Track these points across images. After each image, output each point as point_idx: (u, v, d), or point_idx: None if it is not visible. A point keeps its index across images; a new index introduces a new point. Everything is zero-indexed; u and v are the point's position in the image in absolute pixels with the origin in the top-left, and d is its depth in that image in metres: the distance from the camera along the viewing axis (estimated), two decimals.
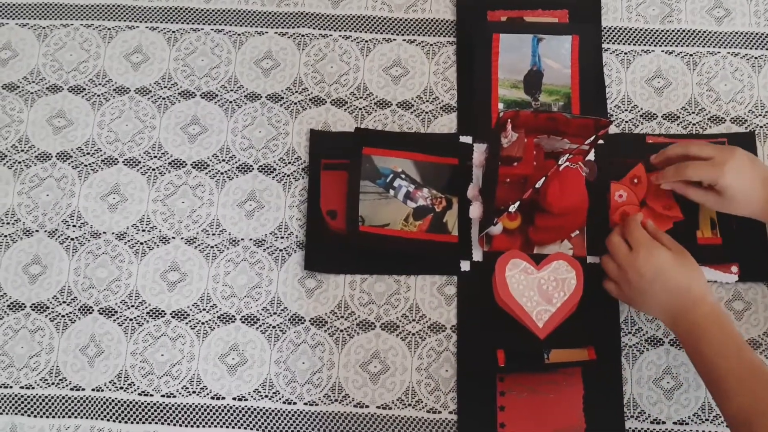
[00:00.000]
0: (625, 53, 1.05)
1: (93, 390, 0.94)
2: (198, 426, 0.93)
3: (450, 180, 0.99)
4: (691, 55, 1.04)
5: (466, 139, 1.01)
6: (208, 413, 0.93)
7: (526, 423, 0.91)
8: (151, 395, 0.94)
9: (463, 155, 1.00)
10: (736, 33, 1.05)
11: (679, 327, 0.85)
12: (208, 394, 0.94)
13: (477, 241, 0.97)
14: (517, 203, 0.91)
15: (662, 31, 1.06)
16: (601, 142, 0.97)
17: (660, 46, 1.05)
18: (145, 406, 0.94)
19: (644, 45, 1.05)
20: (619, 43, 1.05)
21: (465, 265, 0.97)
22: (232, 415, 0.93)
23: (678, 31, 1.06)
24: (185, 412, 0.93)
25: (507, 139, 0.92)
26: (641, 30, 1.06)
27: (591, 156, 0.99)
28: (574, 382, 0.92)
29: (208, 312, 0.97)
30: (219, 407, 0.94)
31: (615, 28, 1.06)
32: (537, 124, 0.91)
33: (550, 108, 1.01)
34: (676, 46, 1.05)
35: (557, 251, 0.96)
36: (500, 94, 1.02)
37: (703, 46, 1.05)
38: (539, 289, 0.92)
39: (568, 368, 0.92)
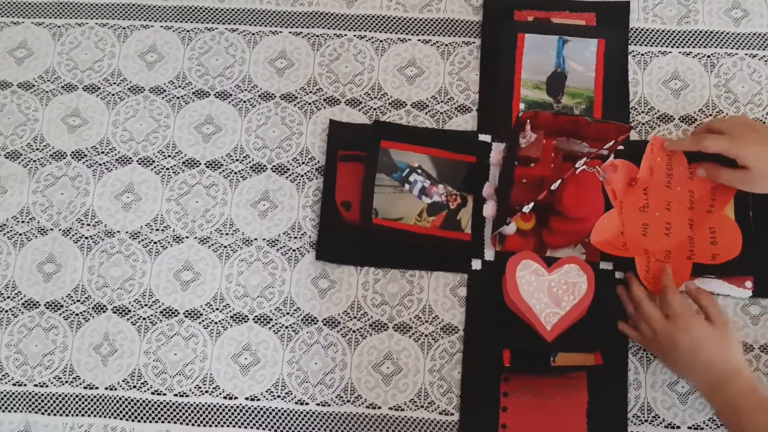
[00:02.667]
0: (642, 54, 1.04)
1: (106, 389, 0.95)
2: (210, 425, 0.93)
3: (466, 177, 0.99)
4: (708, 56, 1.03)
5: (485, 138, 1.01)
6: (221, 413, 0.93)
7: (528, 425, 0.91)
8: (164, 394, 0.94)
9: (481, 153, 1.00)
10: (754, 34, 1.04)
11: (717, 401, 0.84)
12: (220, 394, 0.94)
13: (490, 240, 0.97)
14: (531, 204, 0.91)
15: (679, 32, 1.05)
16: (621, 147, 0.96)
17: (677, 47, 1.04)
18: (158, 405, 0.94)
19: (661, 46, 1.04)
20: (635, 44, 1.04)
21: (476, 264, 0.97)
22: (244, 415, 0.93)
23: (695, 32, 1.05)
24: (198, 412, 0.94)
25: (525, 140, 0.91)
26: (658, 31, 1.05)
27: (611, 160, 0.98)
28: (579, 387, 0.92)
29: (221, 312, 0.97)
30: (231, 407, 0.94)
31: (632, 29, 1.05)
32: (557, 126, 0.91)
33: (572, 111, 1.00)
34: (694, 47, 1.04)
35: (570, 255, 0.95)
36: (522, 94, 1.01)
37: (721, 48, 1.04)
38: (549, 292, 0.91)
39: (574, 373, 0.92)
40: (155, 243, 0.99)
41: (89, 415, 0.94)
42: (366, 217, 0.96)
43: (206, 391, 0.94)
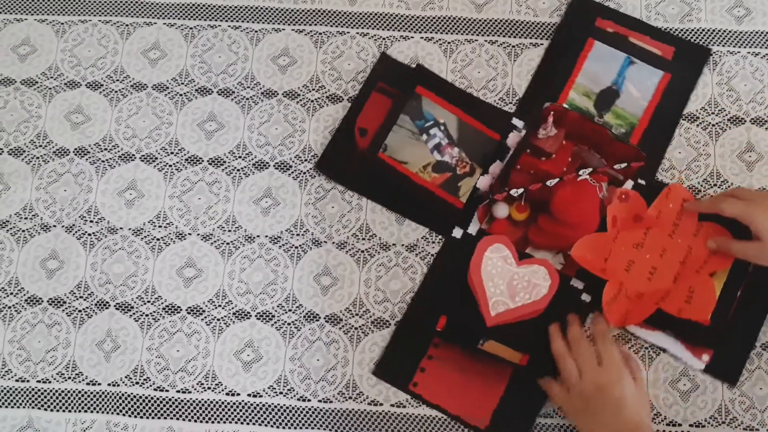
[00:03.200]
0: None
1: (109, 385, 0.95)
2: (213, 422, 0.93)
3: (484, 152, 0.99)
4: (711, 54, 1.03)
5: (518, 123, 1.01)
6: (223, 409, 0.94)
7: (436, 392, 0.92)
8: (167, 391, 0.94)
9: (506, 134, 1.00)
10: (757, 32, 1.04)
11: None
12: (223, 390, 0.94)
13: (477, 214, 0.96)
14: (521, 190, 0.91)
15: (681, 30, 1.05)
16: (642, 182, 0.96)
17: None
18: (161, 402, 0.94)
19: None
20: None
21: (457, 233, 0.97)
22: (246, 411, 0.94)
23: (697, 30, 1.05)
24: (200, 408, 0.94)
25: (545, 132, 0.92)
26: (660, 30, 1.05)
27: (628, 185, 0.96)
28: (498, 381, 0.92)
29: (223, 308, 0.97)
30: (234, 403, 0.94)
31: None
32: (581, 131, 0.91)
33: (611, 130, 0.98)
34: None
35: (547, 259, 0.95)
36: (570, 96, 1.00)
37: (723, 46, 1.04)
38: (509, 283, 0.91)
39: (499, 366, 0.92)
40: (158, 240, 0.99)
41: (92, 411, 0.94)
42: (374, 148, 0.98)
43: (209, 388, 0.94)
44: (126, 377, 0.95)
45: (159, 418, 0.94)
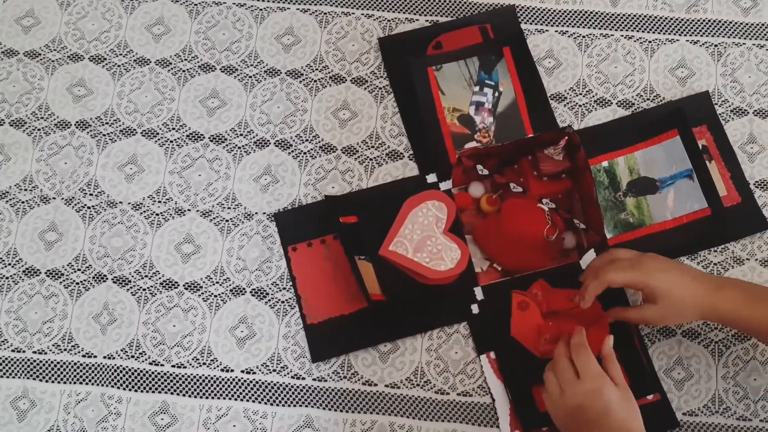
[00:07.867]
0: (649, 42, 1.04)
1: (104, 357, 0.95)
2: (207, 397, 0.93)
3: (508, 137, 0.98)
4: (716, 45, 1.03)
5: (431, 178, 0.99)
6: (217, 385, 0.94)
7: (304, 270, 0.96)
8: (162, 365, 0.95)
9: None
10: (763, 24, 1.04)
11: None
12: (217, 366, 0.94)
13: (453, 174, 0.97)
14: (487, 172, 0.95)
15: (687, 20, 1.04)
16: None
17: (685, 35, 1.04)
18: (156, 376, 0.94)
19: (669, 34, 1.04)
20: (643, 31, 1.04)
21: (432, 178, 0.99)
22: (240, 387, 0.94)
23: (703, 20, 1.04)
24: (195, 383, 0.94)
25: (553, 152, 0.95)
26: (666, 18, 1.05)
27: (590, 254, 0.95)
28: (352, 302, 0.94)
29: (220, 285, 0.97)
30: (228, 379, 0.94)
31: (639, 16, 1.05)
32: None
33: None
34: (701, 36, 1.04)
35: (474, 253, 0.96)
36: (615, 160, 0.98)
37: (729, 37, 1.03)
38: (423, 238, 0.92)
39: (360, 291, 0.92)
40: (157, 215, 0.99)
41: (87, 383, 0.94)
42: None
43: (204, 363, 0.95)
44: (122, 350, 0.95)
45: (153, 392, 0.94)
